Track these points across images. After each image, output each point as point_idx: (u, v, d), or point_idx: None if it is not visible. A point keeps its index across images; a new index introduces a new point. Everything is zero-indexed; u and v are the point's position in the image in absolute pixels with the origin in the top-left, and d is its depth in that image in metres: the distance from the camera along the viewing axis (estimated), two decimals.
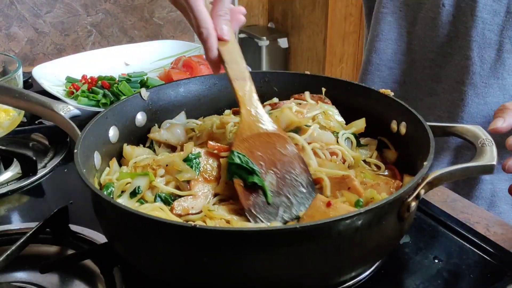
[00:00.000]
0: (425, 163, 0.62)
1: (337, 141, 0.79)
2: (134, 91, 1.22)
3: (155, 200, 0.70)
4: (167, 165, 0.72)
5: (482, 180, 1.03)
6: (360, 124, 0.82)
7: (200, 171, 0.71)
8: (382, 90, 0.82)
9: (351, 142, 0.80)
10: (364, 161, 0.80)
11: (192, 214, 0.68)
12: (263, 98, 0.90)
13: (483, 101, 0.98)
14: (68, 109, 0.77)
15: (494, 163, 0.63)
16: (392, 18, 1.06)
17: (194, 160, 0.72)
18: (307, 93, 0.87)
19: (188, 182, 0.71)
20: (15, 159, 1.01)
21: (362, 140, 0.83)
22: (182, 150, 0.77)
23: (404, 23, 1.05)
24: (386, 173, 0.78)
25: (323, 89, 0.88)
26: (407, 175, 0.74)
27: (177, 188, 0.71)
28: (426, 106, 1.05)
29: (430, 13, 0.99)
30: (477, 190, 1.04)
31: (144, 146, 0.84)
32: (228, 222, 0.66)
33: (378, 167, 0.79)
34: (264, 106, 0.81)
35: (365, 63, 1.13)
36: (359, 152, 0.80)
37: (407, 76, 1.09)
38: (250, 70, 1.12)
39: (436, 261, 0.73)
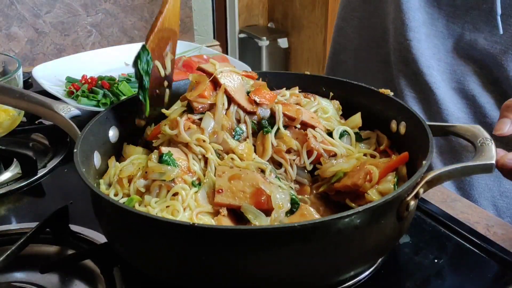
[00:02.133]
0: (424, 162, 0.62)
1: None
2: (134, 91, 1.22)
3: None
4: (146, 172, 0.70)
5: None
6: (356, 119, 0.83)
7: (179, 166, 0.70)
8: (382, 90, 0.82)
9: (350, 138, 0.80)
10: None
11: None
12: None
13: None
14: (68, 109, 0.77)
15: (494, 162, 0.63)
16: None
17: (170, 159, 0.70)
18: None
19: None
20: (15, 159, 1.01)
21: (362, 134, 0.83)
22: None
23: None
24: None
25: (331, 93, 0.88)
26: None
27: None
28: None
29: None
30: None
31: (143, 146, 0.84)
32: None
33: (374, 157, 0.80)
34: None
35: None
36: (359, 147, 0.80)
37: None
38: (250, 70, 1.12)
39: (436, 261, 0.73)
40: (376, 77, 1.14)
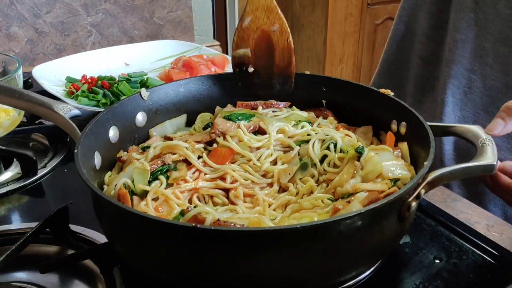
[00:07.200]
0: (425, 163, 0.62)
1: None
2: (134, 91, 1.22)
3: None
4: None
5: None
6: (369, 135, 0.84)
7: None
8: (382, 90, 0.82)
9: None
10: None
11: None
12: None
13: None
14: (68, 109, 0.77)
15: (495, 163, 0.63)
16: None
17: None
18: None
19: None
20: (15, 159, 1.01)
21: (359, 130, 0.83)
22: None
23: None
24: None
25: (324, 101, 0.88)
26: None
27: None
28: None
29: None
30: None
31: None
32: None
33: None
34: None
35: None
36: (361, 141, 0.79)
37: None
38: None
39: (436, 261, 0.73)
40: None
